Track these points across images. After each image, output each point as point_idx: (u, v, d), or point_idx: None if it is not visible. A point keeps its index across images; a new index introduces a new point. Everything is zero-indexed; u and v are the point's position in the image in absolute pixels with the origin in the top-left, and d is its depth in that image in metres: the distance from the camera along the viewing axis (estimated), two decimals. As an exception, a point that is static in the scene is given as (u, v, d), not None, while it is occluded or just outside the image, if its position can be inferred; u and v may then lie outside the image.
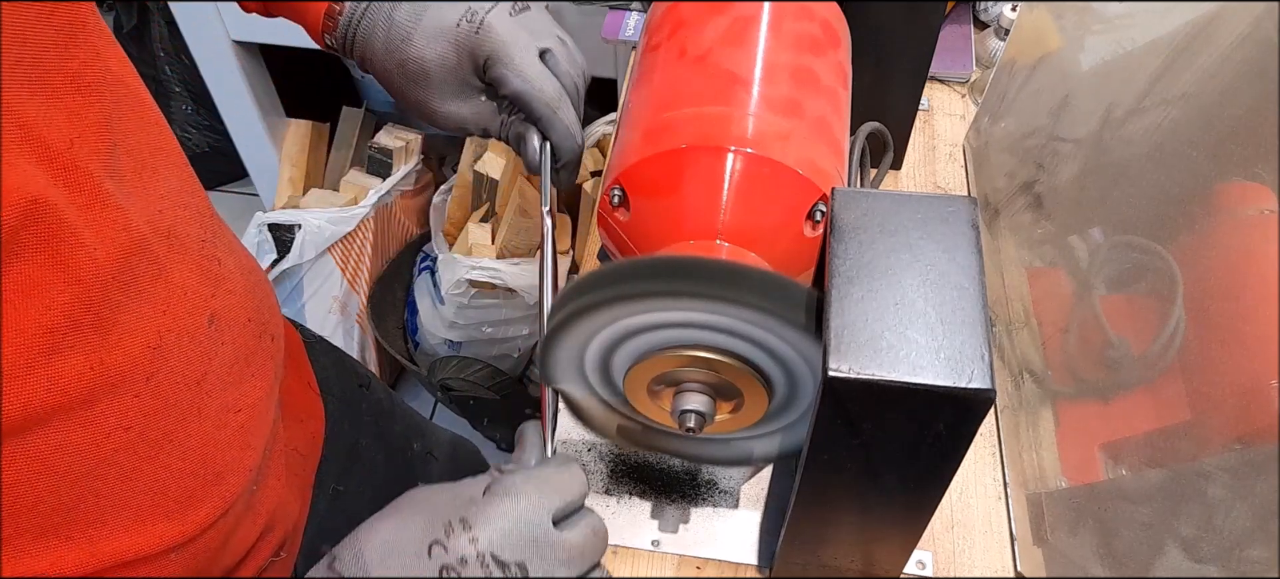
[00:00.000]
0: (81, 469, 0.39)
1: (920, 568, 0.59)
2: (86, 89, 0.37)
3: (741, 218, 0.50)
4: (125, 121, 0.41)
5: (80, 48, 0.37)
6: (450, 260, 1.43)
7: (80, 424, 0.38)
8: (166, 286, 0.42)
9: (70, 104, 0.36)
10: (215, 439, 0.46)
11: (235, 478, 0.48)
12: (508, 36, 0.53)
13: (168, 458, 0.43)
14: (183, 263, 0.44)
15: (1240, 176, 0.44)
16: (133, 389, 0.40)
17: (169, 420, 0.43)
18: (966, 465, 0.63)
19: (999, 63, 0.79)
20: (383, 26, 0.54)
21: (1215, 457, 0.42)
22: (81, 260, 0.36)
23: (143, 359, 0.40)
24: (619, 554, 0.61)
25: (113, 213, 0.38)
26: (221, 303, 0.47)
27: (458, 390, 1.49)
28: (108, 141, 0.39)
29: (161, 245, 0.42)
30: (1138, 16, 0.59)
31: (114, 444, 0.40)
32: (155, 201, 0.42)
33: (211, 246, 0.47)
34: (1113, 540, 0.50)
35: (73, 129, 0.36)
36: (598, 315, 0.45)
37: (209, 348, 0.45)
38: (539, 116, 0.54)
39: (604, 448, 0.65)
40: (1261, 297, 0.41)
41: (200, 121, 1.93)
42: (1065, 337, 0.60)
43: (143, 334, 0.40)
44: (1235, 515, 0.41)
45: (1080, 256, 0.59)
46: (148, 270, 0.41)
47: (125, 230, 0.39)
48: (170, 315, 0.42)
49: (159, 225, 0.42)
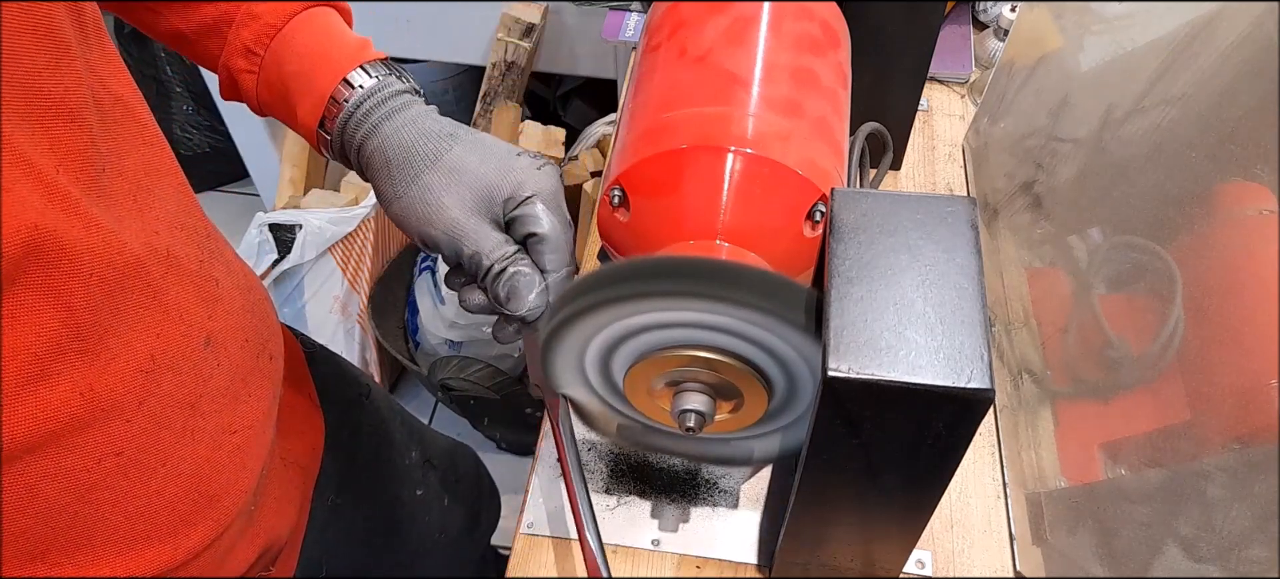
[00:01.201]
0: (70, 495, 0.38)
1: (920, 567, 0.59)
2: (71, 114, 0.37)
3: (741, 218, 0.50)
4: (118, 143, 0.41)
5: (66, 72, 0.36)
6: (451, 260, 1.43)
7: (70, 449, 0.37)
8: (160, 309, 0.41)
9: (55, 130, 0.36)
10: (210, 461, 0.46)
11: (231, 500, 0.48)
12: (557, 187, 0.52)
13: (160, 482, 0.43)
14: (179, 284, 0.43)
15: (1240, 177, 0.44)
16: (124, 413, 0.40)
17: (162, 444, 0.42)
18: (966, 465, 0.64)
19: (998, 63, 0.79)
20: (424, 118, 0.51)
21: (1214, 457, 0.42)
22: (73, 286, 0.36)
23: (134, 383, 0.40)
24: (619, 554, 0.61)
25: (103, 236, 0.38)
26: (218, 324, 0.46)
27: (458, 390, 1.49)
28: (94, 166, 0.38)
29: (157, 268, 0.41)
30: (1138, 16, 0.59)
31: (105, 469, 0.39)
32: (152, 223, 0.42)
33: (209, 267, 0.47)
34: (1112, 540, 0.50)
35: (55, 157, 0.36)
36: (598, 316, 0.45)
37: (204, 370, 0.45)
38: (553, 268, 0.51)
39: (604, 448, 0.65)
40: (1260, 297, 0.41)
41: (201, 122, 1.93)
42: (1064, 337, 0.60)
43: (133, 358, 0.40)
44: (1235, 515, 0.41)
45: (1079, 257, 0.59)
46: (141, 294, 0.40)
47: (119, 253, 0.38)
48: (164, 338, 0.42)
49: (156, 247, 0.42)
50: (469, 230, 0.50)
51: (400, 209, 0.50)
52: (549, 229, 0.50)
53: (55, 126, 0.36)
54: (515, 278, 0.49)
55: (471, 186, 0.50)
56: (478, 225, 0.50)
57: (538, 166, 0.51)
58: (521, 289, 0.49)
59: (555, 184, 0.51)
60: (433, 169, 0.50)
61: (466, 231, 0.50)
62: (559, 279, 0.51)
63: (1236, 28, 0.45)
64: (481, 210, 0.50)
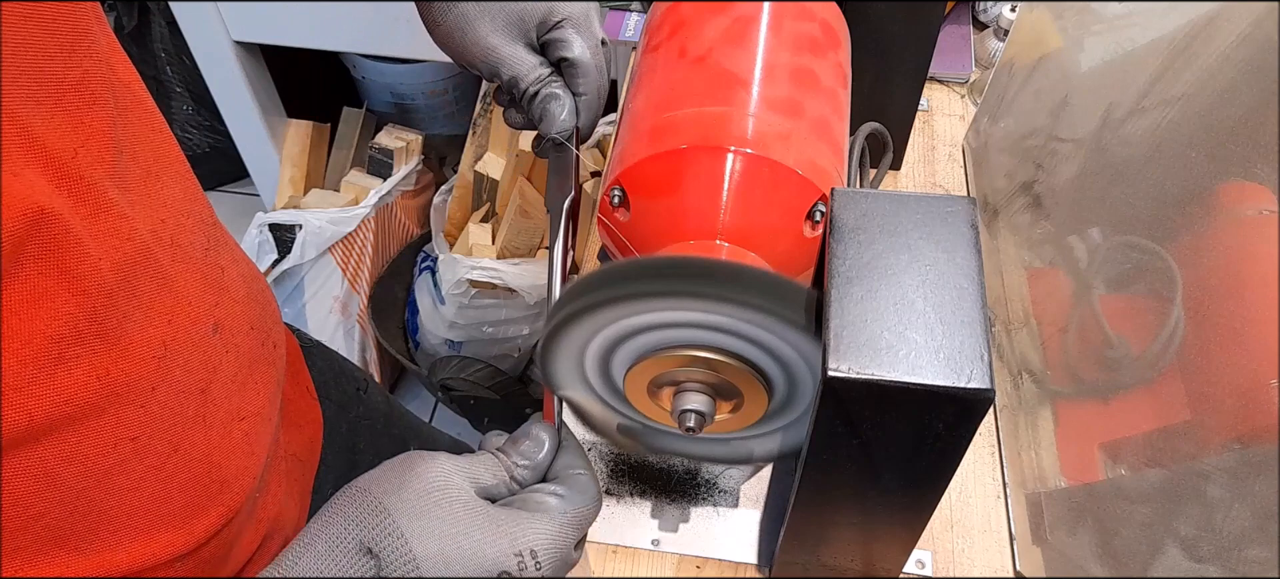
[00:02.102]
0: (87, 479, 0.39)
1: (920, 567, 0.59)
2: (91, 97, 0.37)
3: (741, 218, 0.50)
4: (130, 129, 0.41)
5: (84, 55, 0.37)
6: (451, 260, 1.43)
7: (86, 434, 0.38)
8: (171, 295, 0.42)
9: (74, 113, 0.36)
10: (220, 447, 0.46)
11: (240, 485, 0.48)
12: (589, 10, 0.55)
13: (174, 467, 0.43)
14: (187, 271, 0.44)
15: (1240, 176, 0.44)
16: (138, 399, 0.40)
17: (174, 429, 0.43)
18: (966, 465, 0.64)
19: (998, 63, 0.79)
20: None
21: (1214, 457, 0.42)
22: (86, 270, 0.36)
23: (148, 368, 0.40)
24: (619, 554, 0.61)
25: (117, 222, 0.38)
26: (225, 311, 0.47)
27: (458, 390, 1.50)
28: (112, 149, 0.39)
29: (166, 254, 0.42)
30: (1138, 16, 0.59)
31: (120, 453, 0.40)
32: (159, 210, 0.42)
33: (214, 255, 0.47)
34: (1112, 540, 0.50)
35: (77, 137, 0.36)
36: (597, 316, 0.45)
37: (213, 356, 0.45)
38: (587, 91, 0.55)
39: (604, 448, 0.65)
40: (1261, 297, 0.41)
41: (201, 122, 1.93)
42: (1064, 337, 0.60)
43: (148, 343, 0.40)
44: (1234, 515, 0.41)
45: (1079, 257, 0.59)
46: (152, 279, 0.41)
47: (130, 239, 0.39)
48: (175, 324, 0.42)
49: (163, 234, 0.42)
50: (505, 56, 0.53)
51: (441, 35, 0.54)
52: (579, 53, 0.53)
53: (77, 109, 0.36)
54: (547, 100, 0.53)
55: (504, 11, 0.53)
56: (512, 50, 0.53)
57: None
58: (553, 111, 0.53)
59: (585, 7, 0.54)
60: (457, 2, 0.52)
61: (502, 57, 0.53)
62: (590, 101, 0.54)
63: (1236, 28, 0.45)
64: (515, 34, 0.53)
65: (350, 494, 0.42)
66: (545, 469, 0.46)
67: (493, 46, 0.53)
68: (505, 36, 0.53)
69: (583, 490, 0.45)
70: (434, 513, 0.41)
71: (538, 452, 0.46)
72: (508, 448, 0.46)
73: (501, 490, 0.45)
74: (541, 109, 0.53)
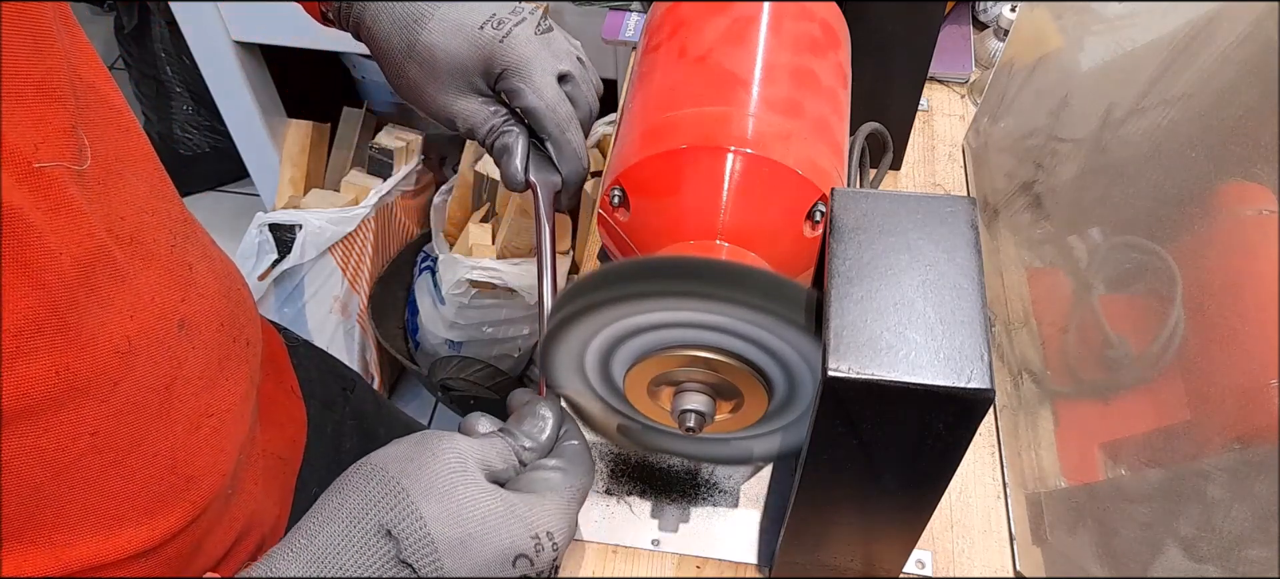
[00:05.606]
0: (46, 474, 0.38)
1: (920, 567, 0.59)
2: (53, 95, 0.37)
3: (741, 218, 0.50)
4: (93, 128, 0.41)
5: (47, 55, 0.37)
6: (451, 260, 1.43)
7: (45, 429, 0.38)
8: (131, 292, 0.42)
9: (36, 110, 0.36)
10: (186, 444, 0.46)
11: (208, 482, 0.48)
12: (531, 54, 0.54)
13: (135, 463, 0.43)
14: (148, 268, 0.44)
15: (1239, 177, 0.44)
16: (99, 394, 0.40)
17: (137, 425, 0.43)
18: (966, 465, 0.64)
19: (998, 63, 0.79)
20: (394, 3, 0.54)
21: (1214, 457, 0.42)
22: (46, 263, 0.36)
23: (109, 364, 0.40)
24: (619, 554, 0.61)
25: (76, 218, 0.38)
26: (192, 308, 0.47)
27: (458, 390, 1.50)
28: (74, 146, 0.39)
29: (122, 251, 0.42)
30: (1138, 16, 0.59)
31: (80, 449, 0.40)
32: (118, 207, 0.42)
33: (182, 252, 0.47)
34: (1112, 540, 0.50)
35: (37, 134, 0.36)
36: (598, 315, 0.45)
37: (179, 353, 0.45)
38: (549, 135, 0.56)
39: (604, 448, 0.65)
40: (1261, 296, 0.41)
41: (201, 122, 1.93)
42: (1064, 336, 0.60)
43: (109, 339, 0.40)
44: (1234, 515, 0.41)
45: (1079, 256, 0.59)
46: (109, 275, 0.40)
47: (89, 235, 0.39)
48: (137, 320, 0.42)
49: (120, 231, 0.42)
50: (458, 111, 0.55)
51: (402, 94, 0.56)
52: (532, 102, 0.54)
53: (37, 105, 0.37)
54: (499, 153, 0.56)
55: (447, 70, 0.54)
56: (465, 104, 0.55)
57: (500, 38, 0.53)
58: (504, 162, 0.56)
59: (523, 50, 0.54)
60: (410, 60, 0.54)
61: (456, 112, 0.55)
62: (560, 139, 0.56)
63: (1236, 28, 0.45)
64: (462, 88, 0.55)
65: (366, 471, 0.42)
66: (550, 447, 0.47)
67: (444, 104, 0.55)
68: (454, 93, 0.55)
69: (581, 462, 0.47)
70: (452, 496, 0.41)
71: (543, 431, 0.47)
72: (513, 428, 0.47)
73: (509, 473, 0.45)
74: (497, 158, 0.56)
